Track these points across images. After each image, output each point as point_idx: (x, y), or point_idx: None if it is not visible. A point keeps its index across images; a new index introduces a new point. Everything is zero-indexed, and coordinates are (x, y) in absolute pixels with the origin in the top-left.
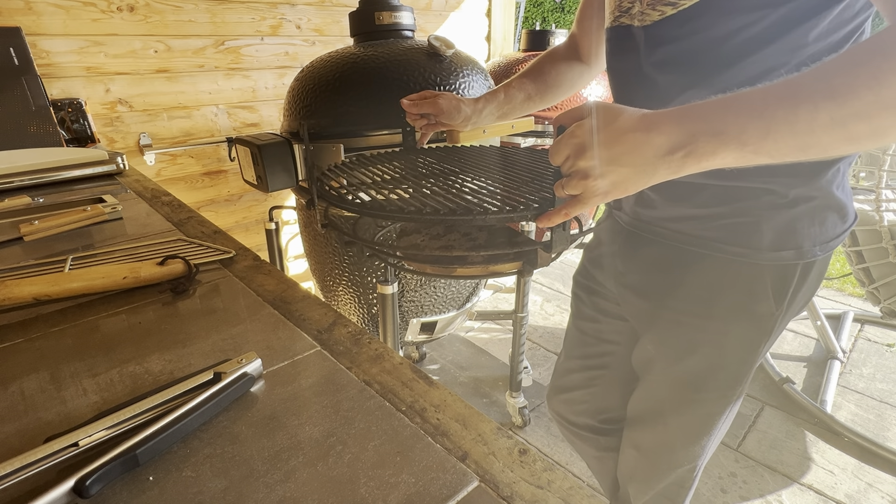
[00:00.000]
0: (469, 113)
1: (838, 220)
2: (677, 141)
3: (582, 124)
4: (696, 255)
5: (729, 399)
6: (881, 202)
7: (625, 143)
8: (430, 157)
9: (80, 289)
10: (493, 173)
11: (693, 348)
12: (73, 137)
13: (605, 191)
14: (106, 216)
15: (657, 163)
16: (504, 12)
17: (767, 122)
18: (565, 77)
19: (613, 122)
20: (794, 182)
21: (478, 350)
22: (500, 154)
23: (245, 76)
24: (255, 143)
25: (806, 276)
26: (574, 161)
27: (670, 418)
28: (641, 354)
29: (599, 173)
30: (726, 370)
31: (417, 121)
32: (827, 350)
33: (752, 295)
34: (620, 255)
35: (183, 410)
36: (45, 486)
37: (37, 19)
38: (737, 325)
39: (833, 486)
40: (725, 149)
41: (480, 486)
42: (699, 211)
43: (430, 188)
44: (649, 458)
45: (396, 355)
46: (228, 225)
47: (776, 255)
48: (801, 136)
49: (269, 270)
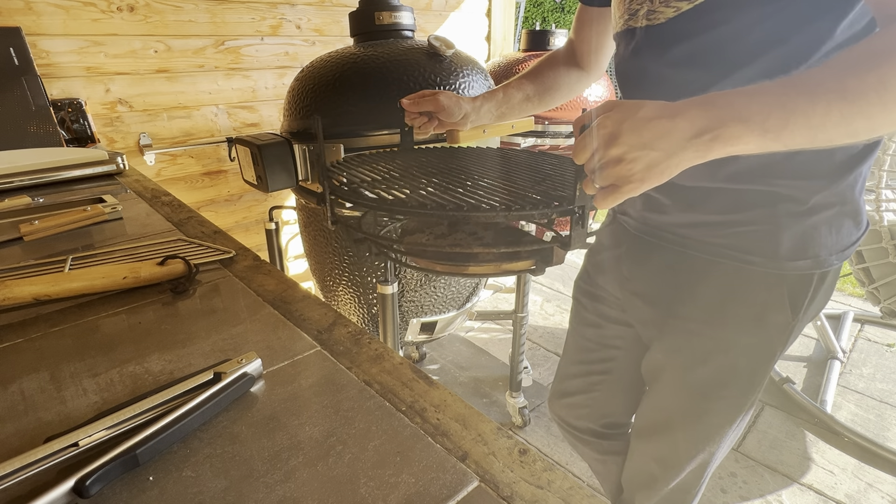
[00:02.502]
0: (468, 110)
1: (853, 226)
2: (703, 125)
3: (609, 116)
4: (707, 263)
5: (741, 408)
6: (881, 202)
7: (652, 128)
8: (432, 157)
9: (80, 289)
10: (500, 173)
11: (704, 357)
12: (73, 137)
13: (641, 176)
14: (106, 216)
15: (686, 145)
16: (504, 12)
17: (788, 113)
18: (564, 81)
19: (637, 112)
20: (816, 186)
21: (478, 350)
22: (501, 155)
23: (245, 76)
24: (255, 143)
25: (822, 285)
26: (605, 151)
27: (680, 427)
28: (651, 363)
29: (633, 157)
30: (739, 379)
31: (416, 119)
32: (827, 350)
33: (768, 305)
34: (626, 261)
35: (183, 410)
36: (45, 486)
37: (37, 19)
38: (750, 335)
39: (833, 486)
40: (750, 134)
41: (480, 486)
42: (712, 217)
43: (442, 185)
44: (658, 466)
45: (396, 355)
46: (228, 225)
47: (793, 264)
48: (814, 129)
49: (269, 270)
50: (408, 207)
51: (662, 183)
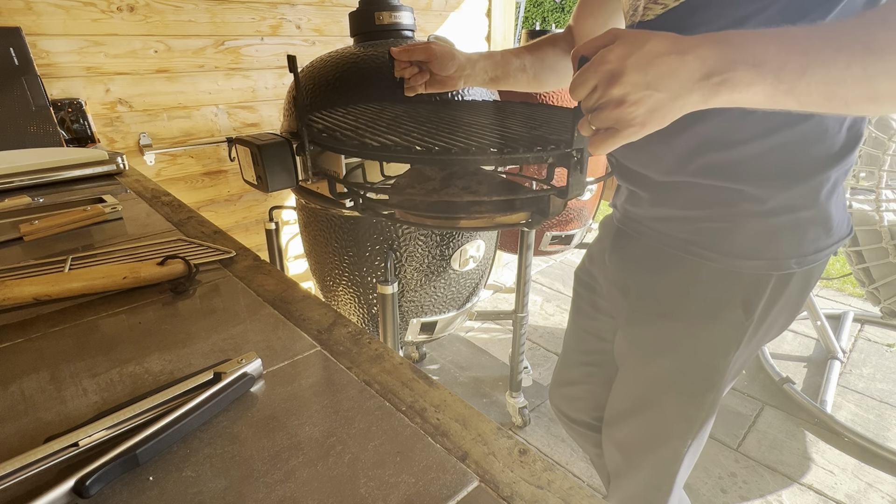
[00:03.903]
0: (463, 62)
1: (822, 233)
2: (714, 66)
3: (611, 49)
4: (672, 257)
5: (701, 404)
6: (881, 202)
7: (659, 65)
8: (422, 108)
9: (80, 289)
10: (494, 121)
11: (664, 349)
12: (73, 137)
13: (642, 120)
14: (106, 216)
15: (692, 87)
16: (504, 12)
17: (807, 61)
18: (561, 63)
19: (644, 45)
20: (778, 187)
21: (478, 350)
22: (497, 105)
23: (245, 76)
24: (255, 143)
25: (782, 289)
26: (604, 90)
27: (638, 417)
28: (617, 350)
29: (636, 99)
30: (696, 374)
31: (407, 69)
32: (827, 350)
33: (721, 302)
34: (609, 252)
35: (183, 410)
36: (45, 486)
37: (37, 19)
38: (705, 330)
39: (833, 486)
40: (762, 82)
41: (480, 486)
42: (679, 212)
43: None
44: (620, 455)
45: (396, 355)
46: (228, 225)
47: (746, 263)
48: (832, 84)
49: (269, 270)
50: (392, 152)
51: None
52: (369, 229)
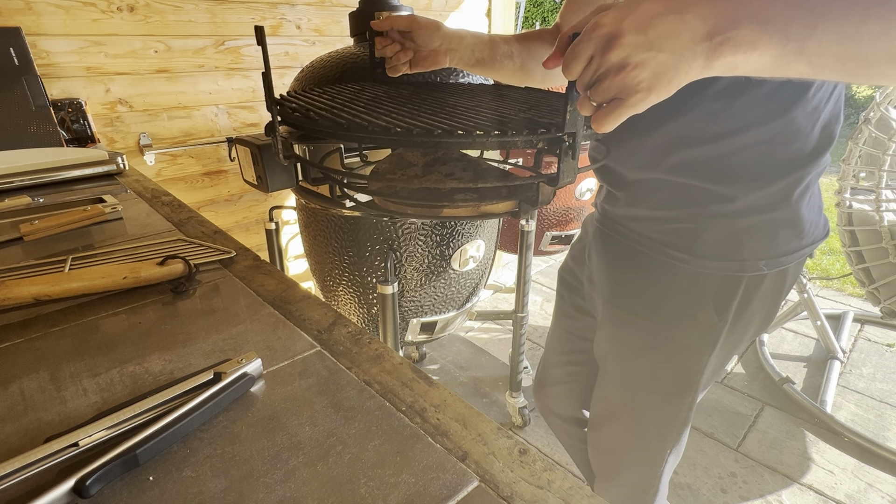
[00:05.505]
0: (449, 34)
1: (793, 235)
2: (716, 24)
3: (605, 14)
4: (647, 257)
5: (679, 405)
6: (881, 202)
7: (659, 25)
8: (404, 89)
9: (80, 289)
10: (482, 103)
11: (640, 349)
12: (73, 137)
13: (648, 84)
14: (106, 216)
15: (695, 48)
16: (504, 12)
17: (817, 16)
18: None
19: (639, 6)
20: (747, 188)
21: (478, 350)
22: (486, 88)
23: (245, 76)
24: (254, 143)
25: (755, 291)
26: (603, 57)
27: (623, 419)
28: (596, 350)
29: (639, 61)
30: (672, 375)
31: (389, 47)
32: (827, 350)
33: (694, 303)
34: (589, 251)
35: (183, 410)
36: (45, 486)
37: (37, 19)
38: (680, 331)
39: (833, 486)
40: (768, 41)
41: (480, 486)
42: (654, 213)
43: (413, 113)
44: (606, 455)
45: (396, 355)
46: (228, 225)
47: (716, 265)
48: (847, 42)
49: (270, 270)
50: (368, 133)
51: (670, 95)
52: (369, 229)
